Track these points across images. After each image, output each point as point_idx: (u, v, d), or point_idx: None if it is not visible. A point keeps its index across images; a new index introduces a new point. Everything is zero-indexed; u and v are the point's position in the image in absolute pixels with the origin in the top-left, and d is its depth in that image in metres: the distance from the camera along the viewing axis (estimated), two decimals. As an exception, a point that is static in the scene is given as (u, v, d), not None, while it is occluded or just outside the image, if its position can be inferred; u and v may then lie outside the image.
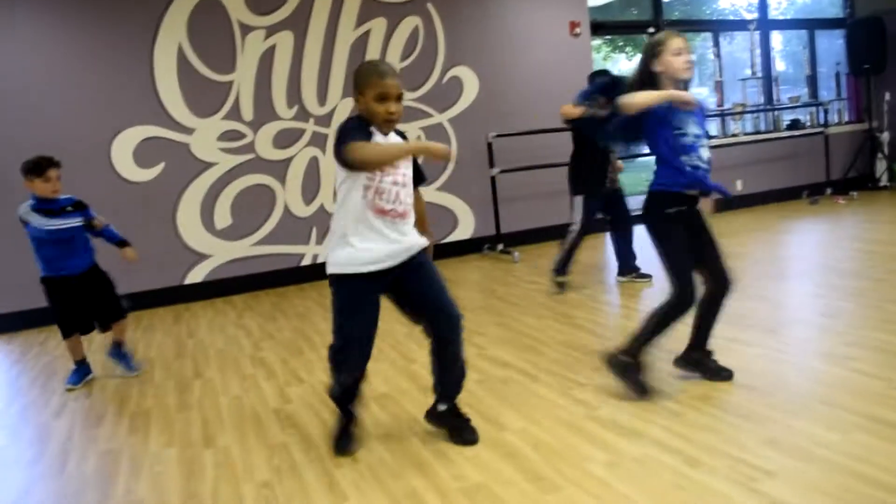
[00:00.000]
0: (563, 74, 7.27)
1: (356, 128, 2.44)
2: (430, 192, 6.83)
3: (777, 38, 10.48)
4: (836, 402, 2.66)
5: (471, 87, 6.92)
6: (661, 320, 2.93)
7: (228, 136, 6.14)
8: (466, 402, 3.06)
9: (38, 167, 3.78)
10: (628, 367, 2.95)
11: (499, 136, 6.73)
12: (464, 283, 5.72)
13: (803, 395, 2.78)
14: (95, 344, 4.71)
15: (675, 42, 2.78)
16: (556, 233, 7.15)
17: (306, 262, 6.43)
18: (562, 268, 4.99)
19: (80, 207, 3.95)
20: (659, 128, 2.83)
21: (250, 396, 3.49)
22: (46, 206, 3.82)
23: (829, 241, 6.06)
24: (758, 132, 8.39)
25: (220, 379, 3.84)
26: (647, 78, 2.84)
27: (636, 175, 12.89)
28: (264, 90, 6.22)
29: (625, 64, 15.23)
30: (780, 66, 11.24)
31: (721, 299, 3.00)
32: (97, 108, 5.78)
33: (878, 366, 2.98)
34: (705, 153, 2.89)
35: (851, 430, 2.42)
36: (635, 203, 4.30)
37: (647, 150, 3.04)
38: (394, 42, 6.61)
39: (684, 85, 2.83)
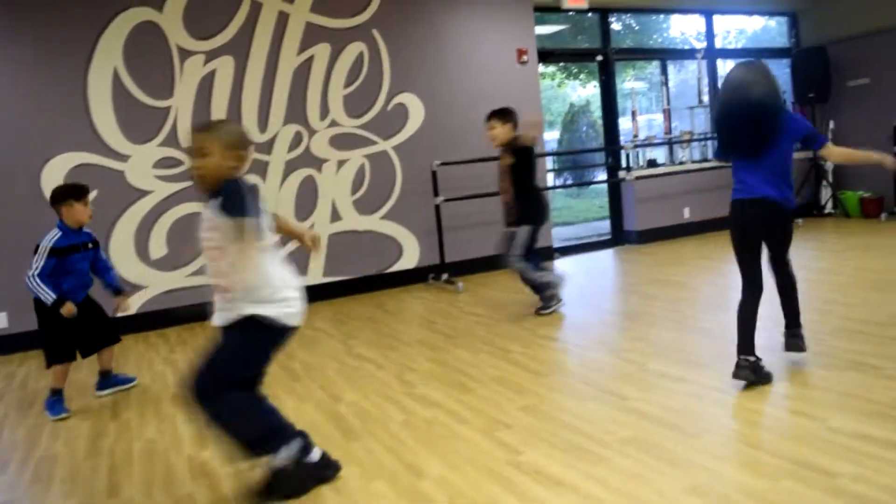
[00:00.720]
0: (511, 102, 7.21)
1: (249, 195, 2.38)
2: (373, 221, 6.73)
3: (727, 67, 10.65)
4: (765, 446, 2.59)
5: (416, 114, 6.85)
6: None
7: (165, 163, 5.97)
8: (389, 445, 2.94)
9: (79, 191, 3.92)
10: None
11: (443, 164, 6.66)
12: (405, 314, 5.61)
13: (732, 438, 2.71)
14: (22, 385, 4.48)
15: None
16: (501, 262, 7.09)
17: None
18: (546, 301, 5.04)
19: (97, 245, 4.10)
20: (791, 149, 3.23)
21: (165, 440, 3.32)
22: (75, 241, 3.91)
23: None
24: (705, 160, 8.45)
25: (138, 421, 3.66)
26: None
27: (589, 202, 13.00)
28: (203, 116, 6.06)
29: (581, 91, 15.36)
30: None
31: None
32: (27, 133, 5.57)
33: (812, 404, 2.93)
34: None
35: (780, 477, 2.35)
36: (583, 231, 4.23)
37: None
38: (338, 68, 6.52)
39: None
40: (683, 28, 10.75)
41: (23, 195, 5.55)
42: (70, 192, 3.91)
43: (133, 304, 4.25)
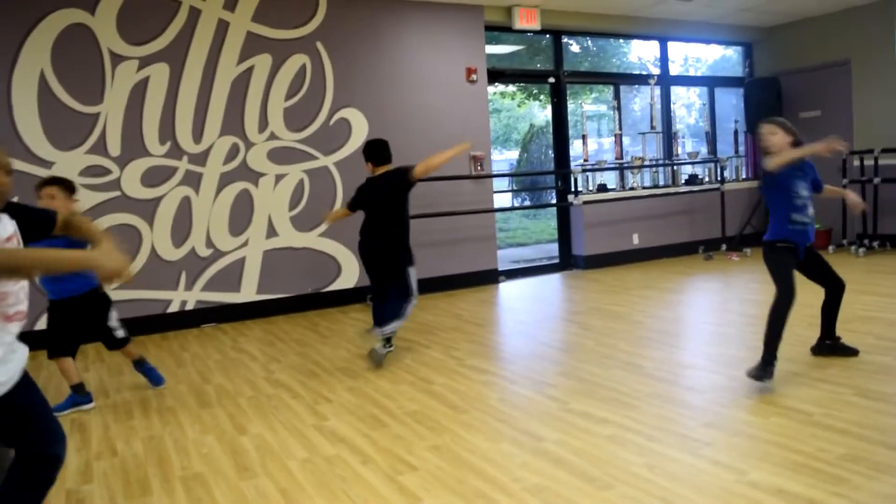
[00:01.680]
0: (459, 120, 7.13)
1: None
2: (311, 238, 6.52)
3: (691, 92, 10.67)
4: (678, 499, 2.44)
5: (360, 129, 6.67)
6: (775, 316, 3.59)
7: (92, 171, 5.70)
8: (283, 486, 2.75)
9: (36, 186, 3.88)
10: (767, 365, 3.54)
11: (386, 182, 6.47)
12: (335, 337, 5.40)
13: (645, 491, 2.55)
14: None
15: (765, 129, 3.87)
16: (440, 284, 6.95)
17: (173, 308, 5.99)
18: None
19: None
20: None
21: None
22: None
23: (715, 303, 6.01)
24: (656, 186, 8.41)
25: None
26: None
27: (546, 223, 12.91)
28: (134, 124, 5.82)
29: (540, 112, 15.33)
30: (689, 119, 11.44)
31: (838, 298, 3.95)
32: (-59, 135, 5.29)
33: (732, 454, 2.79)
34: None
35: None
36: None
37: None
38: (279, 80, 6.32)
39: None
40: (642, 53, 10.74)
41: (-66, 200, 5.24)
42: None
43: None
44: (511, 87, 13.44)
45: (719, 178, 8.49)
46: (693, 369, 3.98)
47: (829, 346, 4.02)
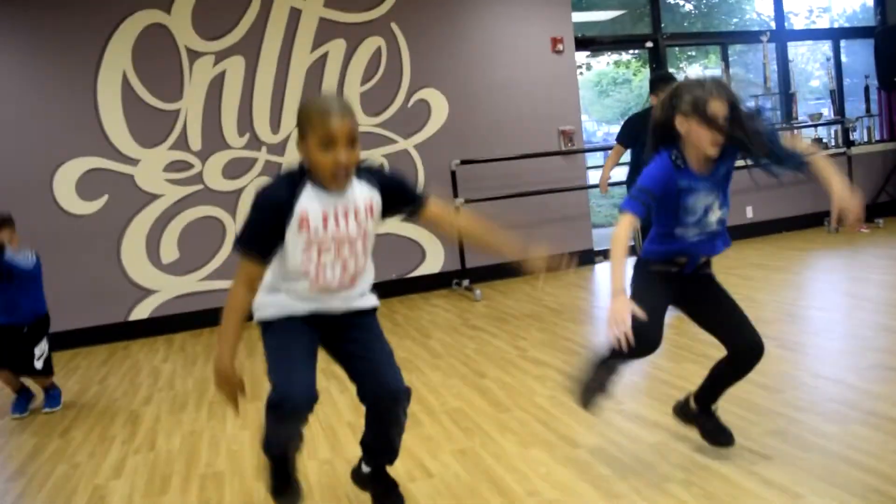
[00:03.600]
0: (545, 94, 6.77)
1: (262, 206, 1.94)
2: (393, 223, 6.40)
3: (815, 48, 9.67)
4: None
5: (439, 110, 6.48)
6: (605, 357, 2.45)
7: (175, 166, 5.87)
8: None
9: None
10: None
11: (464, 162, 6.26)
12: (408, 325, 5.27)
13: None
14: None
15: (716, 106, 2.15)
16: (519, 268, 6.64)
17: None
18: None
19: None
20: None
21: (90, 466, 3.14)
22: None
23: (829, 283, 5.38)
24: (772, 153, 7.65)
25: (81, 440, 3.50)
26: (666, 134, 2.28)
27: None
28: (213, 118, 5.93)
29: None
30: (814, 80, 10.40)
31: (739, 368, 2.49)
32: (39, 139, 5.60)
33: (792, 473, 2.40)
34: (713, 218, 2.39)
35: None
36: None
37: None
38: (354, 65, 6.24)
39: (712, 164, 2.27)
40: (763, 9, 9.82)
41: (35, 200, 5.58)
42: None
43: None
44: (625, 56, 12.75)
45: (848, 142, 7.61)
46: (775, 362, 3.52)
47: (693, 415, 2.63)
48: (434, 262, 6.54)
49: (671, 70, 7.70)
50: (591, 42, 7.25)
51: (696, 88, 2.21)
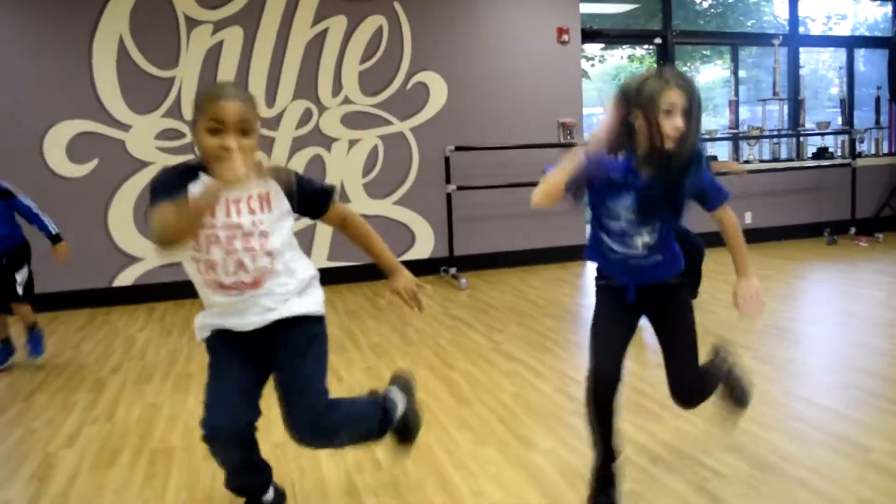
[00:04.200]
0: (547, 85, 6.67)
1: (163, 182, 1.86)
2: (385, 206, 6.36)
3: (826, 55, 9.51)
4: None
5: (438, 94, 6.39)
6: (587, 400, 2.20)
7: (167, 134, 5.82)
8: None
9: None
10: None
11: (459, 148, 6.18)
12: (389, 310, 5.23)
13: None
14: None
15: (669, 96, 1.97)
16: (516, 258, 6.59)
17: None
18: None
19: (5, 195, 4.00)
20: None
21: (44, 433, 3.11)
22: None
23: (819, 295, 5.31)
24: (776, 160, 7.55)
25: (43, 404, 3.48)
26: (624, 128, 2.06)
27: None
28: (208, 88, 5.86)
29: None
30: (831, 88, 10.22)
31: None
32: (31, 98, 5.54)
33: (734, 494, 2.35)
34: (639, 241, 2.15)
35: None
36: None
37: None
38: (354, 42, 6.15)
39: (666, 157, 2.01)
40: (783, 13, 9.65)
41: (26, 160, 5.54)
42: None
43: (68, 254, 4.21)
44: (639, 51, 12.57)
45: (854, 153, 7.49)
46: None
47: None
48: (423, 247, 6.48)
49: (680, 67, 7.58)
50: (598, 34, 7.13)
51: (654, 78, 2.03)
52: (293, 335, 2.04)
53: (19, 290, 4.08)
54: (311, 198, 2.08)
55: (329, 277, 6.16)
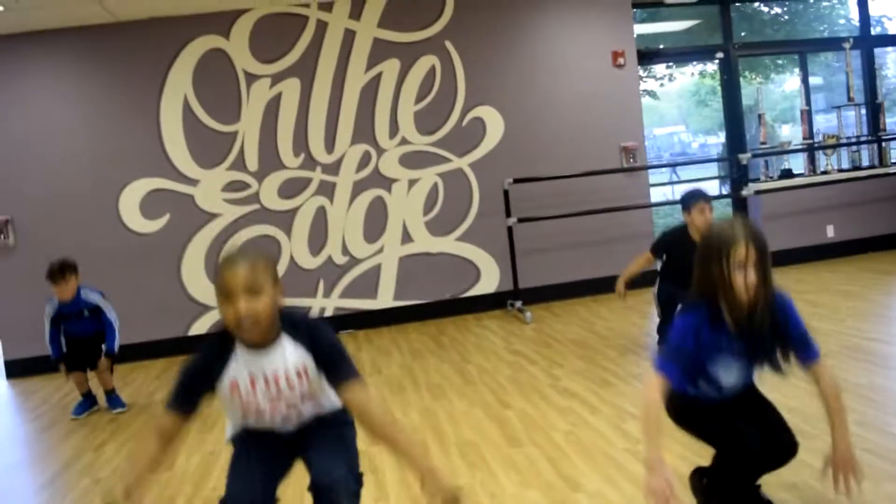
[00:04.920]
0: (605, 110, 6.57)
1: (191, 370, 1.95)
2: (448, 243, 6.37)
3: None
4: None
5: (495, 127, 6.39)
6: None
7: (233, 186, 6.04)
8: None
9: (52, 275, 4.28)
10: None
11: (517, 181, 6.13)
12: (451, 348, 5.20)
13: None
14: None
15: (740, 251, 1.96)
16: (586, 288, 6.45)
17: (313, 315, 6.16)
18: None
19: (96, 314, 4.42)
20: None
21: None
22: (66, 311, 4.37)
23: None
24: (856, 168, 7.17)
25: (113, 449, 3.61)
26: (707, 285, 2.04)
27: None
28: (269, 139, 6.07)
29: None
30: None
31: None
32: (105, 160, 5.88)
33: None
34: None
35: None
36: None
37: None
38: (407, 83, 6.24)
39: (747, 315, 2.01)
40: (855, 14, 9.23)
41: (104, 219, 5.87)
42: (49, 276, 4.30)
43: (109, 367, 4.54)
44: (710, 67, 12.28)
45: (945, 155, 7.03)
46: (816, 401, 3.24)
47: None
48: (489, 282, 6.45)
49: (742, 82, 7.33)
50: (655, 55, 6.99)
51: (725, 231, 2.01)
52: (324, 426, 2.09)
53: (104, 348, 4.46)
54: (326, 363, 1.98)
55: (395, 316, 6.24)
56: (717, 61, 7.30)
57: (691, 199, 4.24)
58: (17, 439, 4.34)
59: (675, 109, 20.95)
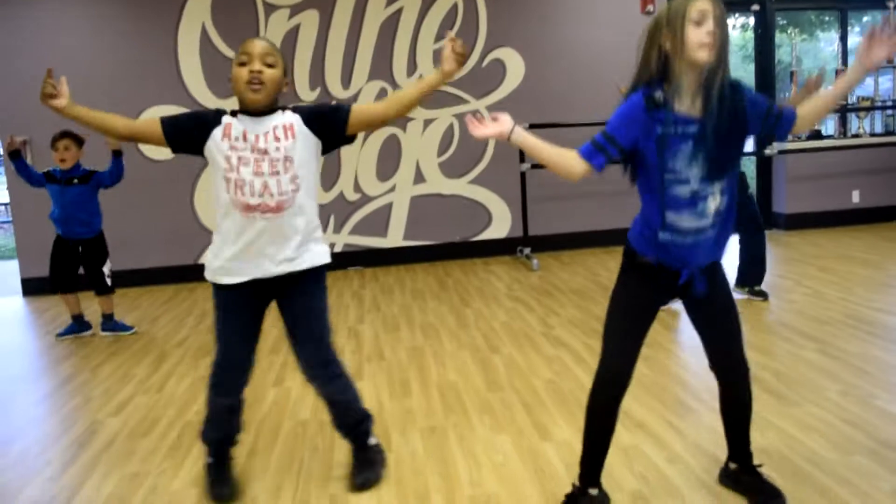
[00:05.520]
0: (632, 58, 6.32)
1: (192, 114, 2.29)
2: (461, 185, 6.33)
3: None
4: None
5: (515, 70, 6.26)
6: (590, 405, 2.05)
7: (248, 117, 6.02)
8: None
9: (53, 139, 4.33)
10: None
11: (533, 126, 6.02)
12: (455, 289, 5.21)
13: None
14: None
15: (696, 5, 1.77)
16: (596, 239, 6.38)
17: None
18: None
19: (85, 180, 4.37)
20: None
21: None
22: (57, 174, 4.37)
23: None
24: (890, 133, 6.92)
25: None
26: (655, 61, 1.85)
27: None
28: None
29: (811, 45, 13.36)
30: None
31: (735, 397, 2.12)
32: (123, 86, 5.88)
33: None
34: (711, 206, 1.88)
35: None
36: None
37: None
38: (428, 21, 6.12)
39: (708, 74, 1.79)
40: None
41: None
42: (52, 141, 4.36)
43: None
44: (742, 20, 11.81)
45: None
46: (803, 367, 3.21)
47: (734, 476, 2.20)
48: (500, 227, 6.41)
49: (785, 38, 7.06)
50: (689, 3, 6.73)
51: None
52: (309, 287, 2.28)
53: (108, 283, 4.49)
54: (328, 117, 2.22)
55: (404, 256, 6.26)
56: (752, 14, 7.02)
57: None
58: (25, 353, 4.47)
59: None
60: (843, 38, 6.97)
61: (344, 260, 6.21)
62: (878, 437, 2.49)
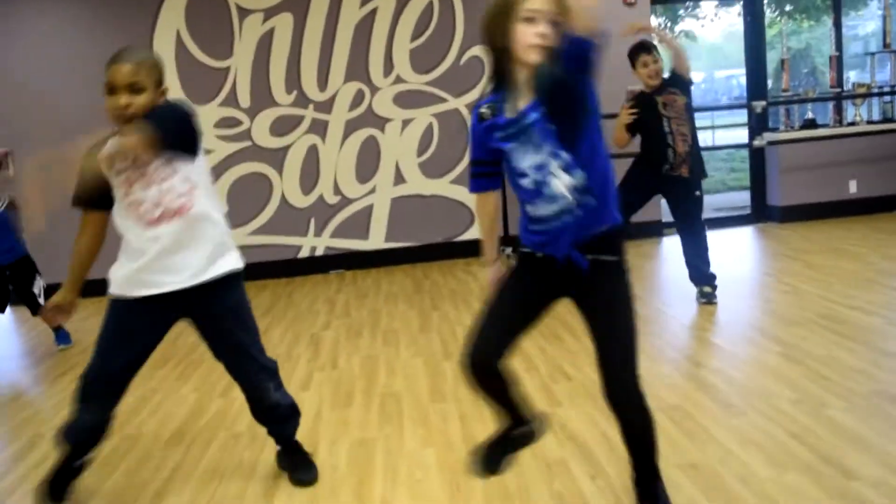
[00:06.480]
0: (615, 51, 6.21)
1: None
2: (443, 185, 6.25)
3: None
4: None
5: (494, 68, 6.15)
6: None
7: (225, 122, 6.00)
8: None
9: None
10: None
11: (512, 125, 5.93)
12: (421, 291, 5.14)
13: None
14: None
15: (527, 3, 1.68)
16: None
17: (303, 254, 6.17)
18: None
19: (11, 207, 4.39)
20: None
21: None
22: None
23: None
24: (888, 120, 6.70)
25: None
26: (496, 60, 1.78)
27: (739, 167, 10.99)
28: (262, 76, 5.98)
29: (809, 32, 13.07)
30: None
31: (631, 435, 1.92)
32: (100, 95, 5.86)
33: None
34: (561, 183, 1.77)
35: None
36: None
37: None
38: (404, 20, 6.04)
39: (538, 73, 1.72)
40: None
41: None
42: None
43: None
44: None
45: None
46: (764, 375, 3.08)
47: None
48: (483, 227, 6.32)
49: (793, 25, 6.88)
50: (673, -7, 6.59)
51: None
52: (224, 299, 2.23)
53: (41, 301, 4.38)
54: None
55: (386, 258, 6.20)
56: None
57: (633, 55, 4.11)
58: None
59: (739, 52, 20.05)
60: (837, 24, 6.75)
61: (326, 263, 6.17)
62: (819, 450, 2.36)
